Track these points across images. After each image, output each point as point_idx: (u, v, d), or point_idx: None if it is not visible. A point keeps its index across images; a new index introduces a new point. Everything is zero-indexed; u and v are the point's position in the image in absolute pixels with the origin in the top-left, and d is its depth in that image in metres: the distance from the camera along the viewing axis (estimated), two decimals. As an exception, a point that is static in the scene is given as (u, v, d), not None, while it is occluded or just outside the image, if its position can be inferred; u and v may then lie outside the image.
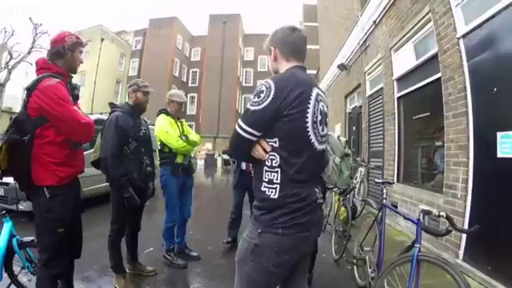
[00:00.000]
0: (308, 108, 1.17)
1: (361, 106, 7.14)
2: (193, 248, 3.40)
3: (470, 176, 3.03)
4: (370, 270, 2.45)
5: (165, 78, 28.44)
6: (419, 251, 1.79)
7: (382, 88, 5.80)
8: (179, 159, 3.06)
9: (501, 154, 2.65)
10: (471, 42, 3.19)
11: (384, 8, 5.50)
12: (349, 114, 8.55)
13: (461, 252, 3.00)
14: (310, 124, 1.18)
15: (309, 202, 1.18)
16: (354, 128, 7.76)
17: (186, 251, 3.33)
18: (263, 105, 1.14)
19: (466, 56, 3.26)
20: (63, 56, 1.79)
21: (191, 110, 31.38)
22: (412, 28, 4.52)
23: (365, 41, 6.74)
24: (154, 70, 27.28)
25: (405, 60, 4.93)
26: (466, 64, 3.25)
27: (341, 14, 8.99)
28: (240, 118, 1.22)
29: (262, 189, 1.20)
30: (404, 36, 4.81)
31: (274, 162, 1.17)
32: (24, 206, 3.53)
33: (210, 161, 20.57)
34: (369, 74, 6.68)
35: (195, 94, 32.35)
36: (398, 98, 5.10)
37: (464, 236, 2.96)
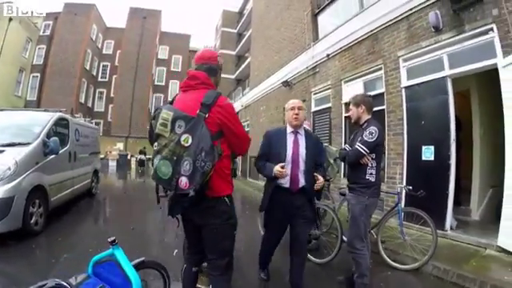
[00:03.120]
0: None
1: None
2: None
3: (404, 171, 5.70)
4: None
5: (75, 70, 26.81)
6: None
7: (330, 107, 8.43)
8: None
9: (424, 157, 5.35)
10: (409, 91, 5.92)
11: (340, 48, 8.15)
12: (288, 124, 11.08)
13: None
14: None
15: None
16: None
17: None
18: (373, 139, 2.84)
19: (405, 99, 5.98)
20: (216, 74, 2.12)
21: (99, 106, 29.67)
22: (364, 70, 7.21)
23: (314, 67, 9.33)
24: (63, 60, 25.51)
25: (354, 91, 7.58)
26: (404, 104, 5.97)
27: (286, 36, 11.53)
28: (362, 144, 2.85)
29: (367, 177, 2.85)
30: (356, 74, 7.49)
31: (372, 165, 2.93)
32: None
33: (122, 161, 19.96)
34: (315, 94, 9.29)
35: (104, 90, 31.24)
36: (346, 117, 7.75)
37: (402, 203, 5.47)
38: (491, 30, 4.31)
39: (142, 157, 21.75)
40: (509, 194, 3.91)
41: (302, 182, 2.76)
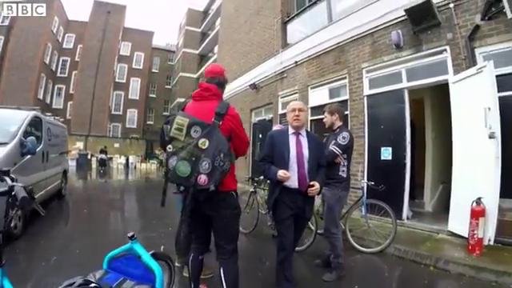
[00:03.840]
0: None
1: (270, 120, 10.18)
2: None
3: (365, 169, 6.36)
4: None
5: (34, 64, 24.75)
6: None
7: (296, 111, 8.96)
8: None
9: (382, 157, 6.04)
10: (371, 99, 6.62)
11: (308, 56, 8.74)
12: (254, 125, 11.61)
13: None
14: None
15: None
16: (261, 135, 10.75)
17: None
18: (346, 142, 3.46)
19: (367, 106, 6.67)
20: (223, 87, 2.45)
21: (58, 103, 27.72)
22: (330, 78, 7.86)
23: (282, 72, 9.86)
24: (23, 54, 23.64)
25: (320, 96, 8.25)
26: (366, 110, 6.66)
27: (255, 41, 11.97)
28: (337, 146, 3.45)
29: (340, 173, 3.43)
30: (322, 81, 8.12)
31: (344, 163, 3.51)
32: None
33: (82, 161, 18.84)
34: (282, 98, 9.81)
35: (63, 86, 29.21)
36: (312, 121, 8.33)
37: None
38: (445, 50, 5.10)
39: (103, 156, 20.93)
40: (456, 189, 4.67)
41: (308, 181, 2.79)
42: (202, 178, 2.04)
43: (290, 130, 2.95)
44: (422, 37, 5.47)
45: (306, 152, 2.84)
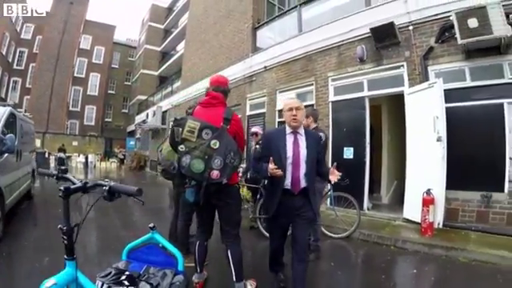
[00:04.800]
0: None
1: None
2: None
3: (330, 166, 7.00)
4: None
5: None
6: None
7: (264, 112, 9.46)
8: None
9: (345, 156, 6.73)
10: (335, 105, 7.31)
11: (278, 62, 9.28)
12: (221, 124, 11.74)
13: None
14: None
15: None
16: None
17: None
18: (321, 142, 3.30)
19: (331, 111, 7.35)
20: (227, 95, 2.82)
21: (13, 97, 24.87)
22: (298, 84, 8.46)
23: (251, 76, 10.31)
24: None
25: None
26: (331, 114, 7.34)
27: (224, 43, 12.28)
28: None
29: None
30: (290, 86, 8.69)
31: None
32: None
33: (40, 160, 17.30)
34: (251, 100, 10.24)
35: (19, 79, 26.52)
36: (279, 122, 8.85)
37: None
38: (402, 66, 5.93)
39: (62, 155, 19.59)
40: (409, 183, 5.47)
41: (302, 183, 2.67)
42: (215, 173, 2.41)
43: (288, 130, 2.76)
44: (384, 53, 6.26)
45: (303, 152, 2.69)
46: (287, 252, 2.92)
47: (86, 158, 23.43)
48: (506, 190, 4.70)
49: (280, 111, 8.92)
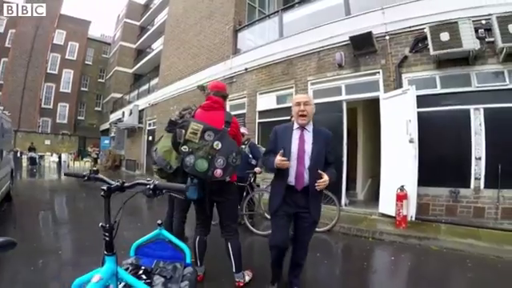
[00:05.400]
0: None
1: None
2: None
3: (308, 166, 7.30)
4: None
5: None
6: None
7: (244, 113, 9.62)
8: None
9: (323, 157, 7.04)
10: (314, 108, 7.63)
11: (258, 65, 9.48)
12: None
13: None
14: None
15: None
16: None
17: None
18: None
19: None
20: (225, 100, 3.07)
21: None
22: (278, 87, 8.70)
23: (232, 77, 10.44)
24: None
25: (267, 102, 9.03)
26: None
27: (204, 44, 12.32)
28: None
29: None
30: (270, 88, 8.92)
31: None
32: None
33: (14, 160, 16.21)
34: (231, 101, 10.34)
35: None
36: (259, 123, 9.07)
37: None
38: (378, 72, 6.33)
39: (33, 154, 18.68)
40: (384, 180, 5.85)
41: (306, 179, 2.56)
42: (218, 172, 2.59)
43: (295, 125, 2.70)
44: (361, 60, 6.64)
45: (308, 148, 2.59)
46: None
47: (60, 158, 22.50)
48: (471, 186, 5.25)
49: (260, 112, 9.15)
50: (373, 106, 6.52)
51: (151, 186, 1.52)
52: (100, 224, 1.48)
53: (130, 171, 17.82)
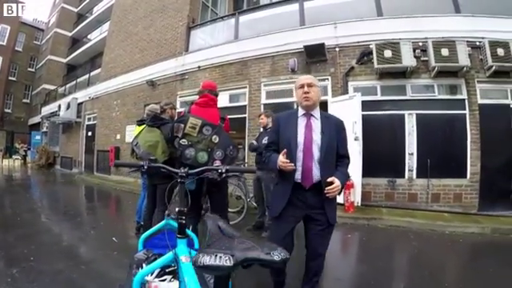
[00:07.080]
0: None
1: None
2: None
3: (260, 162, 7.69)
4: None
5: None
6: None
7: (196, 109, 9.66)
8: None
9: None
10: (266, 107, 8.04)
11: (212, 64, 9.60)
12: (148, 118, 11.38)
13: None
14: None
15: None
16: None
17: None
18: None
19: (263, 110, 8.08)
20: (217, 97, 3.32)
21: None
22: (232, 86, 8.95)
23: (184, 74, 10.40)
24: None
25: (220, 100, 9.19)
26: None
27: (154, 38, 12.00)
28: None
29: None
30: (224, 87, 9.06)
31: None
32: None
33: None
34: (182, 97, 10.32)
35: None
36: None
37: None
38: (327, 79, 7.04)
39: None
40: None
41: (316, 175, 2.14)
42: (217, 163, 2.78)
43: (300, 112, 2.32)
44: (312, 67, 7.29)
45: (317, 138, 2.19)
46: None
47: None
48: (406, 176, 6.37)
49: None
50: (321, 108, 7.17)
51: (223, 170, 1.67)
52: (177, 208, 1.58)
53: (65, 169, 16.29)
